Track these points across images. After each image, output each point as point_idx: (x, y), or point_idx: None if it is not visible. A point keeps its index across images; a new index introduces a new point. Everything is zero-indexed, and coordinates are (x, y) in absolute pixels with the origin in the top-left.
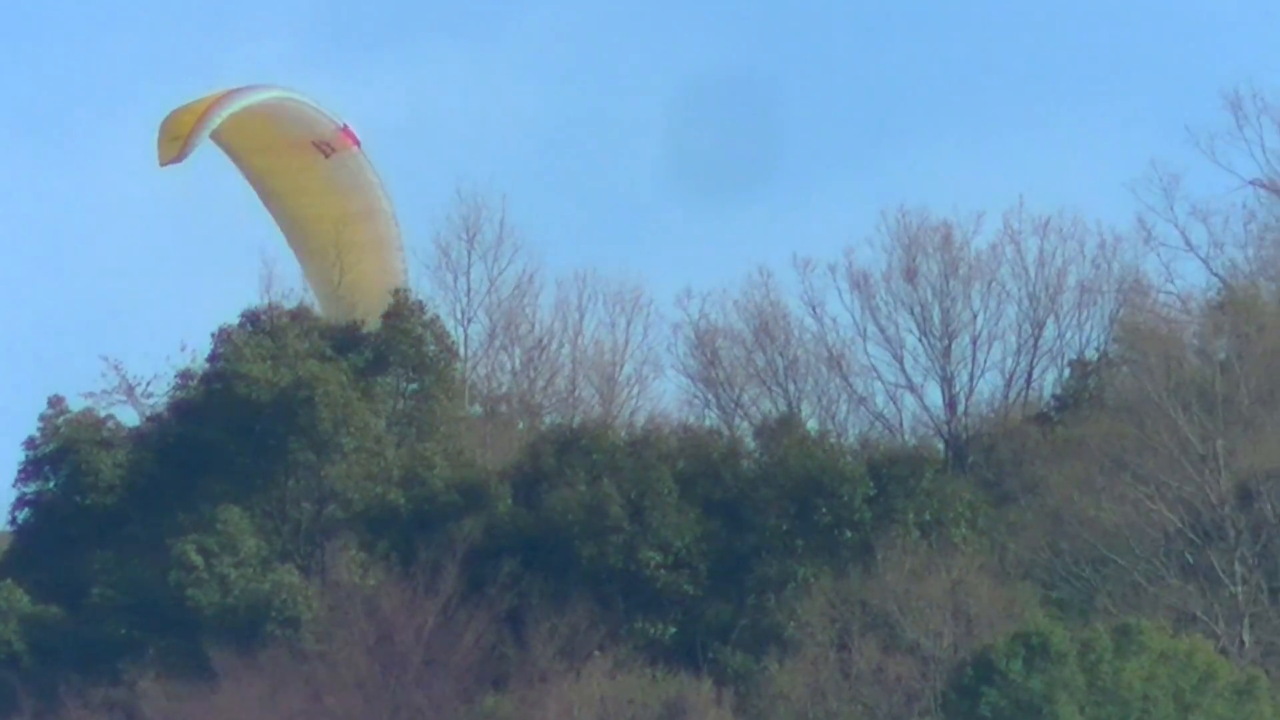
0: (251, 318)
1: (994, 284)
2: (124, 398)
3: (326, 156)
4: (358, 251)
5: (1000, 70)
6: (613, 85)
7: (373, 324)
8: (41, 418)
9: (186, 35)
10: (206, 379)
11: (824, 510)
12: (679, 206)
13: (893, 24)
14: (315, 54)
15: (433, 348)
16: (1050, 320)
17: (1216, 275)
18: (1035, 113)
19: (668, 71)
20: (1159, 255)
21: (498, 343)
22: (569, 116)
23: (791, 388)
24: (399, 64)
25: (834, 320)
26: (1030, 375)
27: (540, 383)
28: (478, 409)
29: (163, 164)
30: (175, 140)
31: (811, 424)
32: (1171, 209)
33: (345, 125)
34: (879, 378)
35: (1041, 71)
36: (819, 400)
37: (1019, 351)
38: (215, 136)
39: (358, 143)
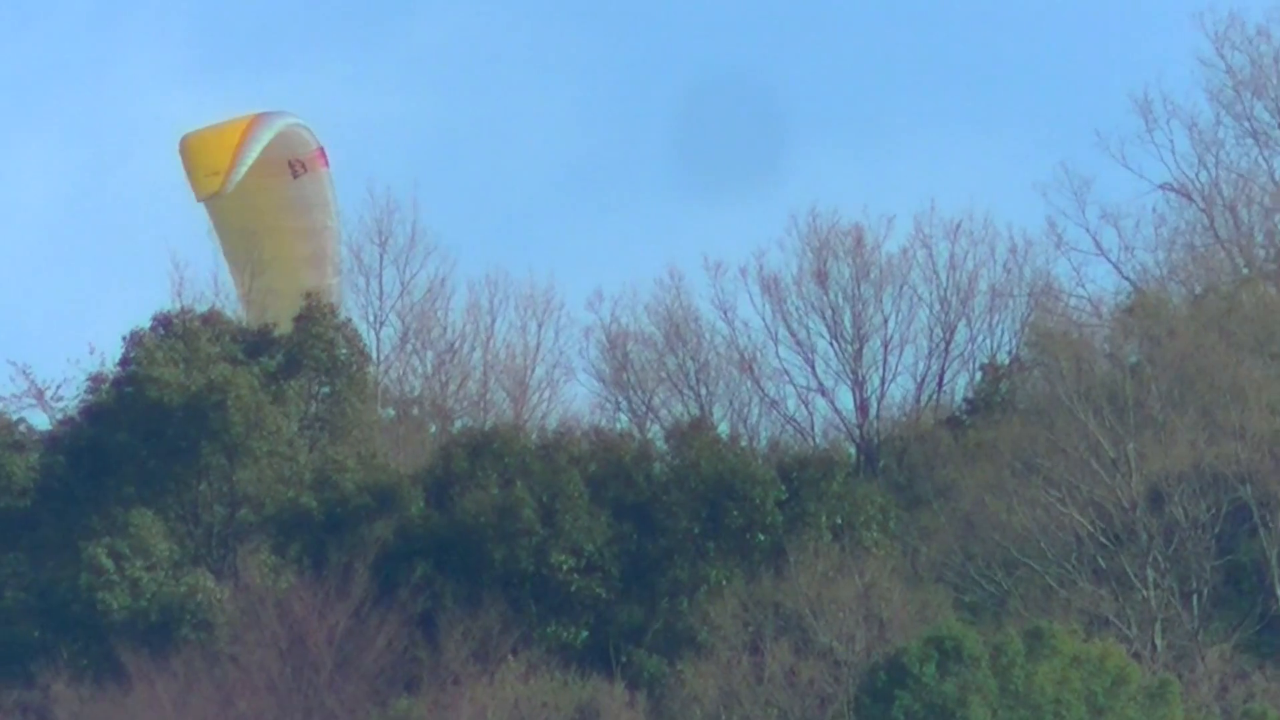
0: (163, 321)
1: (905, 288)
2: (34, 401)
3: (295, 176)
4: (299, 265)
5: (911, 73)
6: (524, 85)
7: (285, 327)
8: None
9: (81, 39)
10: (118, 383)
11: (736, 513)
12: (590, 209)
13: (803, 25)
14: (218, 55)
15: (344, 351)
16: (961, 324)
17: (1127, 279)
18: (946, 116)
19: (581, 71)
20: (1070, 259)
21: (409, 346)
22: (477, 117)
23: (703, 391)
24: (307, 65)
25: (745, 324)
26: (941, 379)
27: (452, 386)
28: (390, 412)
29: (201, 199)
30: (214, 175)
31: (723, 427)
32: (1082, 213)
33: (321, 148)
34: (790, 381)
35: (953, 75)
36: (730, 403)
37: (930, 355)
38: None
39: (327, 164)
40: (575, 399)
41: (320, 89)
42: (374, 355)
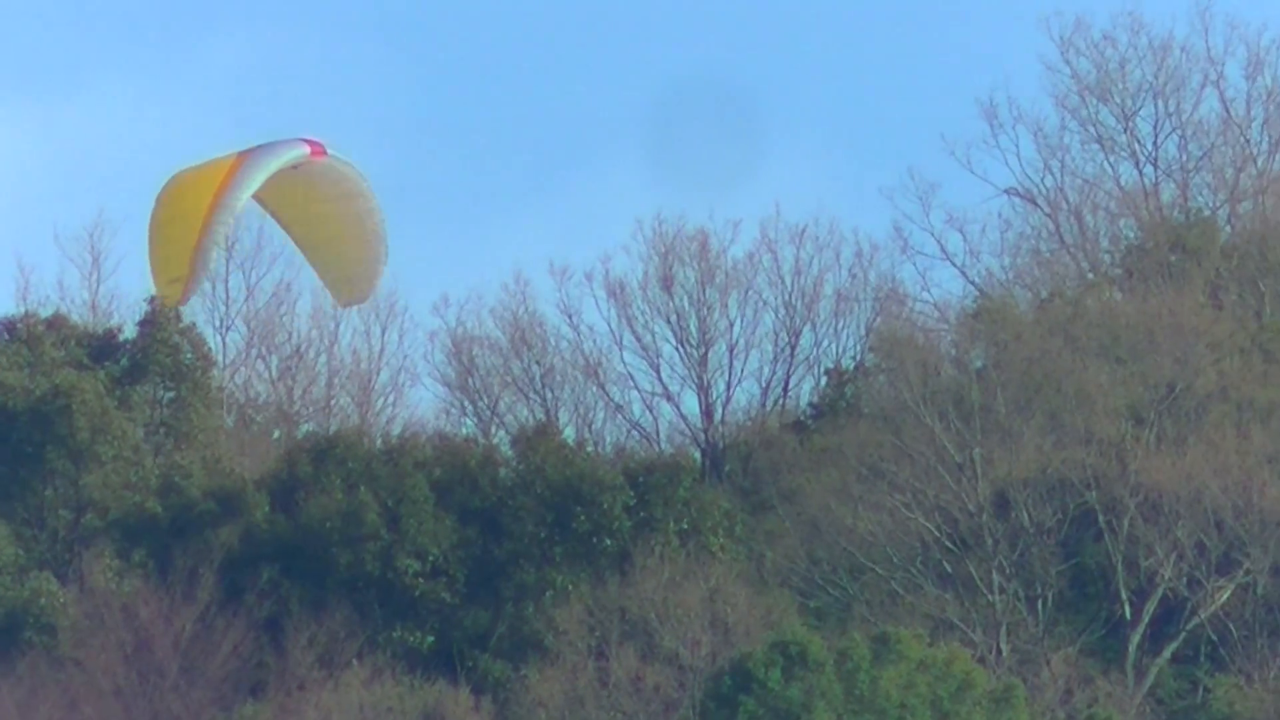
0: (7, 326)
1: (750, 292)
2: None
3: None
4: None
5: (756, 77)
6: (357, 93)
7: (129, 331)
8: None
9: None
10: None
11: (582, 518)
12: (435, 214)
13: (650, 26)
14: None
15: (190, 356)
16: (807, 329)
17: (973, 284)
18: (791, 121)
19: (424, 78)
20: (915, 264)
21: (255, 351)
22: (318, 123)
23: (548, 396)
24: (138, 70)
25: (590, 328)
26: (787, 384)
27: (297, 391)
28: (235, 417)
29: (169, 307)
30: (175, 283)
31: (568, 432)
32: (928, 217)
33: (305, 140)
34: (635, 386)
35: (798, 79)
36: (576, 408)
37: (775, 360)
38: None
39: (324, 152)
40: (420, 404)
41: (156, 91)
42: (219, 360)
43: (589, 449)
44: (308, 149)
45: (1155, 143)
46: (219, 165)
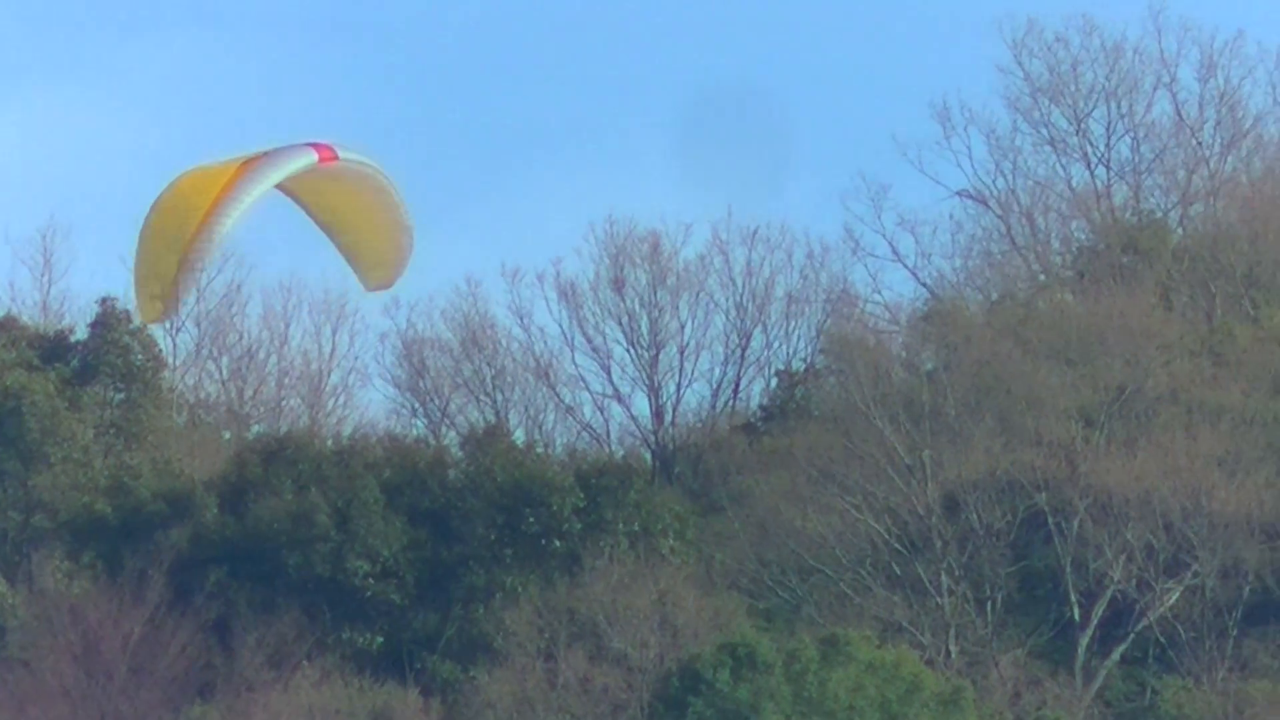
0: None
1: (702, 294)
2: None
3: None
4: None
5: (708, 79)
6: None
7: (80, 333)
8: None
9: None
10: None
11: (532, 520)
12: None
13: (596, 28)
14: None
15: (140, 357)
16: (758, 330)
17: (924, 285)
18: (741, 123)
19: (373, 80)
20: (867, 266)
21: (205, 352)
22: (273, 123)
23: (499, 397)
24: (98, 70)
25: (541, 330)
26: (738, 385)
27: (248, 392)
28: (185, 418)
29: (146, 323)
30: (155, 300)
31: (519, 434)
32: (879, 219)
33: (311, 144)
34: (586, 388)
35: (751, 81)
36: (526, 410)
37: (726, 362)
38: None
39: (334, 156)
40: (371, 405)
41: (108, 90)
42: (170, 361)
43: (539, 450)
44: (315, 155)
45: (1107, 145)
46: (219, 174)
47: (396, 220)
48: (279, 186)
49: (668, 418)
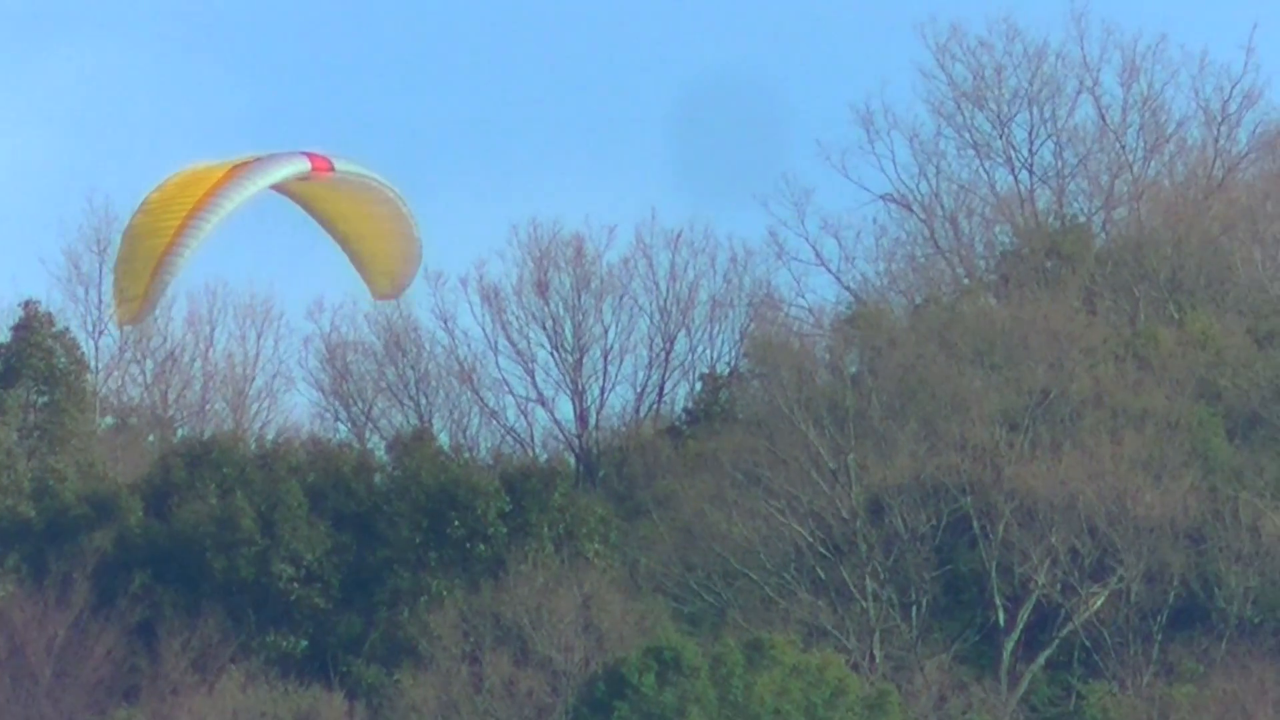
0: None
1: (626, 298)
2: None
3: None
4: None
5: (631, 82)
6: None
7: (2, 335)
8: None
9: None
10: None
11: (457, 524)
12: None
13: (513, 29)
14: None
15: (63, 360)
16: (682, 334)
17: (848, 289)
18: (668, 125)
19: (290, 85)
20: (790, 269)
21: (129, 355)
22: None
23: (423, 401)
24: (30, 68)
25: (465, 334)
26: (662, 389)
27: (172, 395)
28: (109, 421)
29: (121, 325)
30: (130, 302)
31: (443, 438)
32: (803, 223)
33: (306, 153)
34: (510, 391)
35: (674, 84)
36: (450, 414)
37: (650, 365)
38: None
39: (330, 167)
40: (295, 409)
41: (45, 93)
42: (93, 364)
43: (464, 455)
44: (309, 163)
45: (1031, 149)
46: (207, 176)
47: (403, 232)
48: (286, 193)
49: (592, 421)
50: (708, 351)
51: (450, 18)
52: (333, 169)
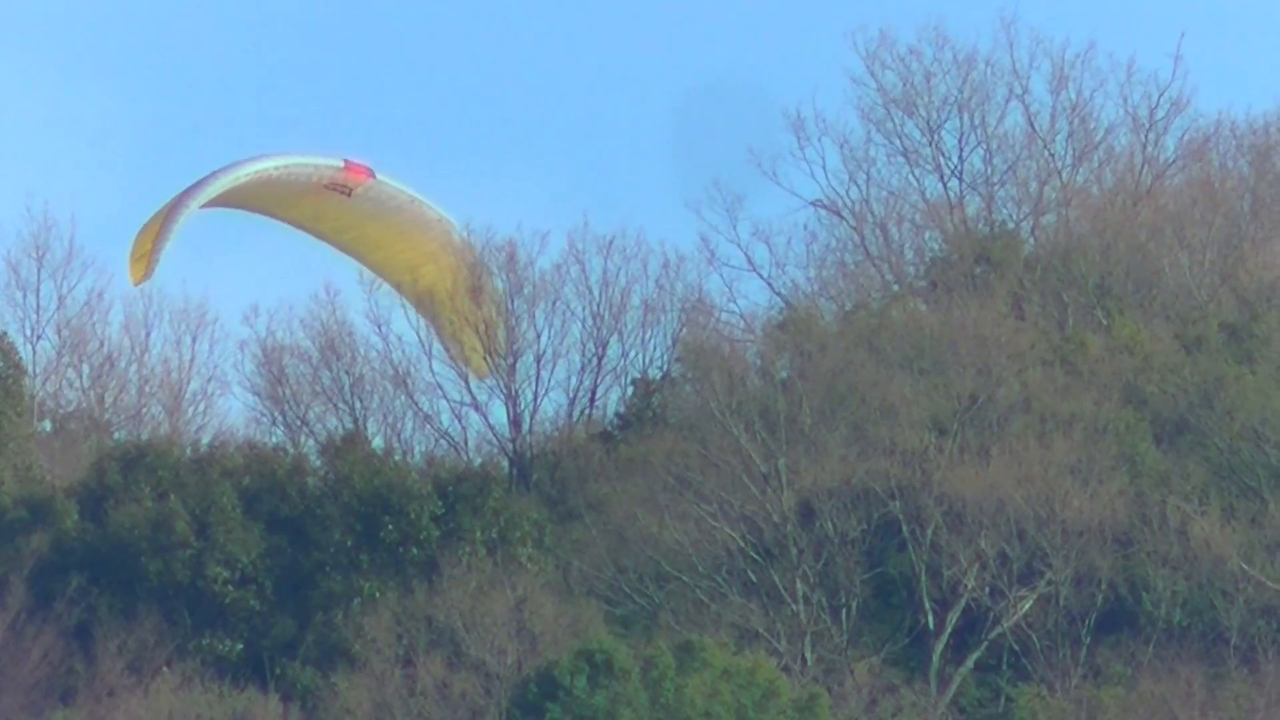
0: None
1: (558, 303)
2: None
3: (348, 196)
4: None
5: (563, 88)
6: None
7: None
8: None
9: None
10: None
11: (390, 527)
12: (245, 223)
13: (453, 33)
14: None
15: (1, 364)
16: (614, 339)
17: (779, 295)
18: (598, 133)
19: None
20: (722, 275)
21: (66, 359)
22: (134, 131)
23: (357, 405)
24: None
25: (400, 338)
26: (594, 394)
27: (109, 399)
28: (46, 425)
29: (135, 284)
30: (140, 260)
31: (377, 442)
32: (734, 229)
33: (346, 161)
34: (444, 395)
35: (604, 88)
36: (385, 418)
37: (583, 370)
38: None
39: (371, 173)
40: (230, 413)
41: None
42: (30, 368)
43: (397, 458)
44: (343, 165)
45: (960, 156)
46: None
47: (436, 237)
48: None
49: (525, 426)
50: (640, 356)
51: (376, 16)
52: (371, 176)
